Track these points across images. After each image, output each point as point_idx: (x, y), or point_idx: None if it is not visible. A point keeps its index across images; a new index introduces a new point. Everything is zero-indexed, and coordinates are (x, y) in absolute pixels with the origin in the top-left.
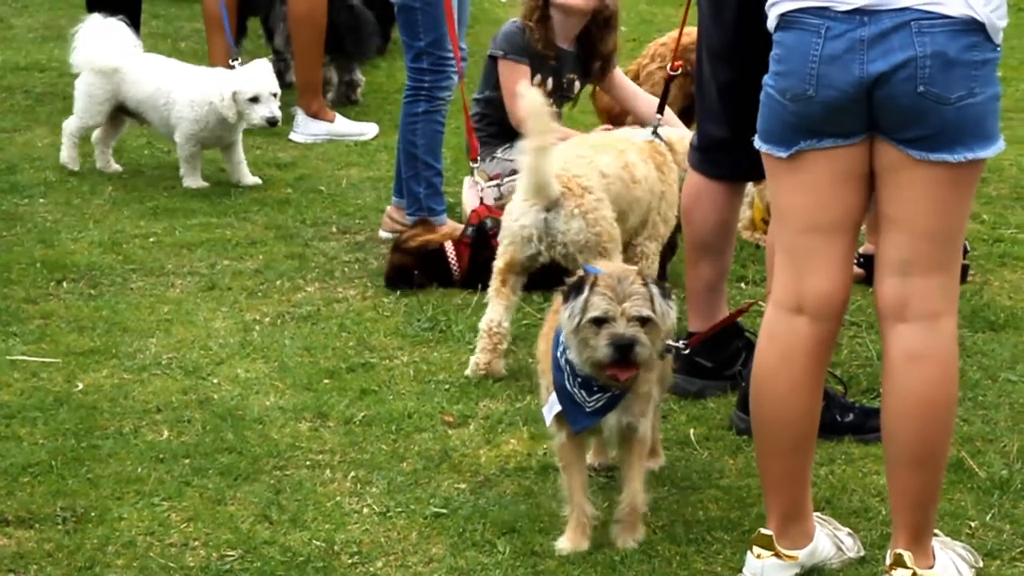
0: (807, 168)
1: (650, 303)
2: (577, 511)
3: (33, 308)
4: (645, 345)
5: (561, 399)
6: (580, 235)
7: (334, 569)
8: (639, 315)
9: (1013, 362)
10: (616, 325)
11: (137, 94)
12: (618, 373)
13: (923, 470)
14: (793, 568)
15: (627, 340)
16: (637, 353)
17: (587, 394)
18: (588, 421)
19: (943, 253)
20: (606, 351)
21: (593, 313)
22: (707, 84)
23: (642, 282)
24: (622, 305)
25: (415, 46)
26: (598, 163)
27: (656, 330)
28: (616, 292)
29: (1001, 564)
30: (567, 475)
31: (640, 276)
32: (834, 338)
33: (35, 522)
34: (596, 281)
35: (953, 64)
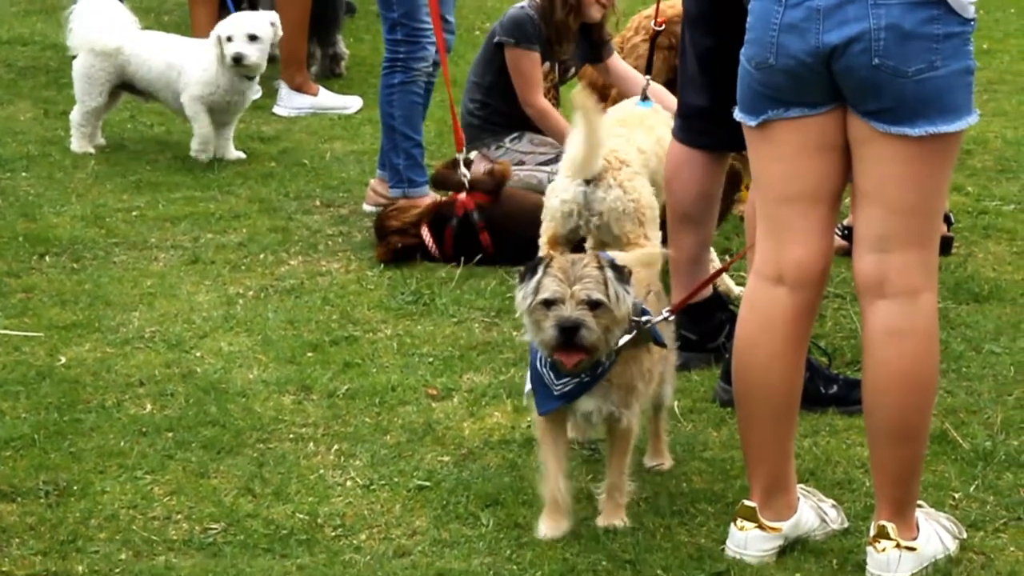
0: (776, 138)
1: (603, 287)
2: (552, 491)
3: (15, 282)
4: (592, 329)
5: (533, 380)
6: (618, 203)
7: (317, 542)
8: (588, 298)
9: (997, 334)
10: (564, 308)
11: (147, 73)
12: (563, 357)
13: (904, 444)
14: (777, 540)
15: (572, 323)
16: (582, 336)
17: (555, 377)
18: (553, 404)
19: (920, 228)
20: (551, 333)
21: (543, 295)
22: (688, 53)
23: (597, 265)
24: (572, 288)
25: (389, 17)
26: (635, 139)
27: (609, 314)
28: (568, 274)
29: (985, 535)
30: (544, 454)
31: (597, 260)
32: (815, 308)
33: (17, 496)
34: (550, 263)
35: (909, 37)
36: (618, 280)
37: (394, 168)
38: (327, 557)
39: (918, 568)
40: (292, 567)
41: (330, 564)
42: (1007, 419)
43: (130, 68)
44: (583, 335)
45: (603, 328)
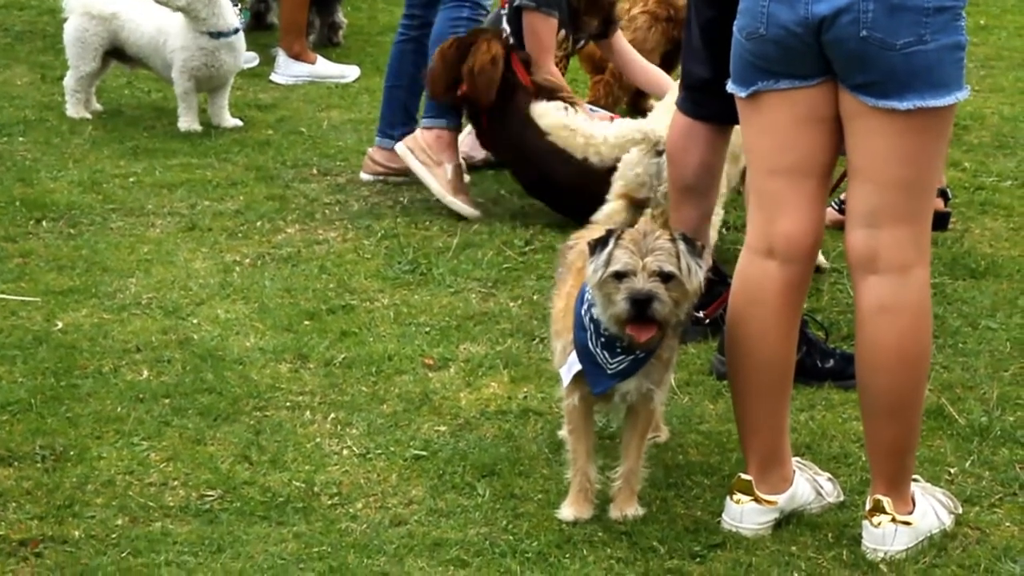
0: (766, 109)
1: (675, 259)
2: (581, 477)
3: (12, 247)
4: (664, 302)
5: (582, 359)
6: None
7: (314, 510)
8: (660, 270)
9: (993, 310)
10: (636, 280)
11: (139, 39)
12: (636, 332)
13: (898, 419)
14: (772, 513)
15: (644, 295)
16: (655, 310)
17: (610, 355)
18: (609, 383)
19: (911, 203)
20: (623, 306)
21: (614, 267)
22: (692, 23)
23: (669, 238)
24: (644, 260)
25: None
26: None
27: (680, 287)
28: (640, 246)
29: (980, 510)
30: (574, 439)
31: (669, 232)
32: (806, 281)
33: (14, 460)
34: (621, 235)
35: (899, 9)
36: (690, 253)
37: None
38: (323, 525)
39: (913, 542)
40: (288, 535)
41: (326, 532)
42: (1003, 395)
43: (123, 33)
44: (656, 308)
45: (674, 301)
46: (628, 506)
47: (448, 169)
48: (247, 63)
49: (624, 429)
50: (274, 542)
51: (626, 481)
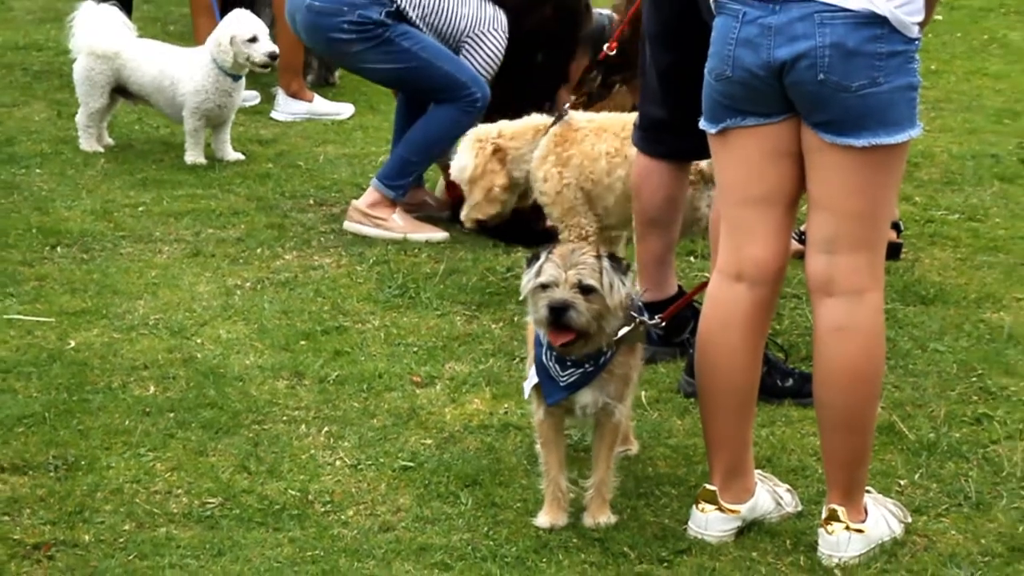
0: (735, 144)
1: (598, 274)
2: (553, 487)
3: (29, 271)
4: (581, 312)
5: (538, 372)
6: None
7: (308, 517)
8: (581, 283)
9: (941, 333)
10: (556, 291)
11: (140, 78)
12: (553, 337)
13: (852, 434)
14: (735, 521)
15: (560, 303)
16: (570, 317)
17: (560, 368)
18: (561, 394)
19: (866, 232)
20: (543, 313)
21: (541, 279)
22: (648, 68)
23: (594, 255)
24: (567, 273)
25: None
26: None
27: (600, 300)
28: (566, 260)
29: (928, 520)
30: (545, 451)
31: (595, 249)
32: (772, 304)
33: (29, 469)
34: (552, 250)
35: (853, 54)
36: (614, 270)
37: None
38: (317, 531)
39: (866, 549)
40: (284, 540)
41: (319, 537)
42: (950, 413)
43: (125, 72)
44: (571, 316)
45: (594, 313)
46: (600, 514)
47: (396, 219)
48: (249, 101)
49: (594, 442)
50: (271, 546)
51: (597, 490)
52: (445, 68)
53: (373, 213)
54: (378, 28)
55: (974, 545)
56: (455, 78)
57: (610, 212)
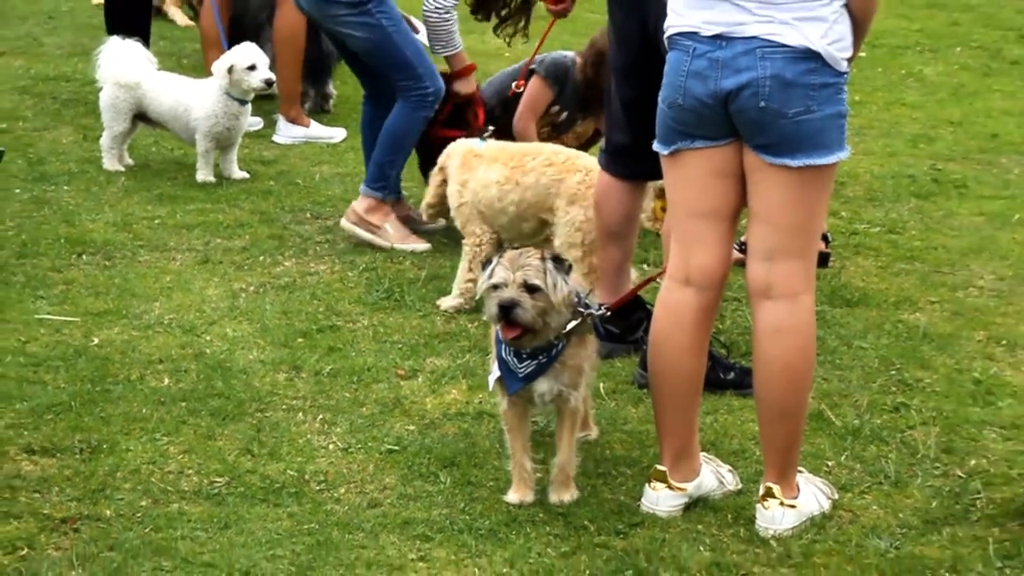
0: (685, 165)
1: (542, 275)
2: (519, 468)
3: (57, 276)
4: (526, 308)
5: (500, 366)
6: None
7: (304, 494)
8: (526, 282)
9: (864, 332)
10: (505, 290)
11: (159, 106)
12: (504, 331)
13: (787, 421)
14: (683, 498)
15: (507, 301)
16: (516, 314)
17: (518, 361)
18: (519, 384)
19: (800, 242)
20: (493, 310)
21: (492, 280)
22: (614, 99)
23: (540, 257)
24: (515, 274)
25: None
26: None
27: (545, 298)
28: (514, 263)
29: (852, 496)
30: (511, 437)
31: (541, 253)
32: (716, 306)
33: (56, 452)
34: (503, 255)
35: (790, 85)
36: (556, 270)
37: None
38: (312, 507)
39: (798, 522)
40: (283, 514)
41: (314, 512)
42: (872, 402)
43: (146, 101)
44: (517, 313)
45: (539, 310)
46: (564, 491)
47: (388, 227)
48: (253, 126)
49: (556, 427)
50: (271, 520)
51: (561, 470)
52: (407, 55)
53: (369, 219)
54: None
55: (893, 519)
56: (413, 67)
57: (506, 228)
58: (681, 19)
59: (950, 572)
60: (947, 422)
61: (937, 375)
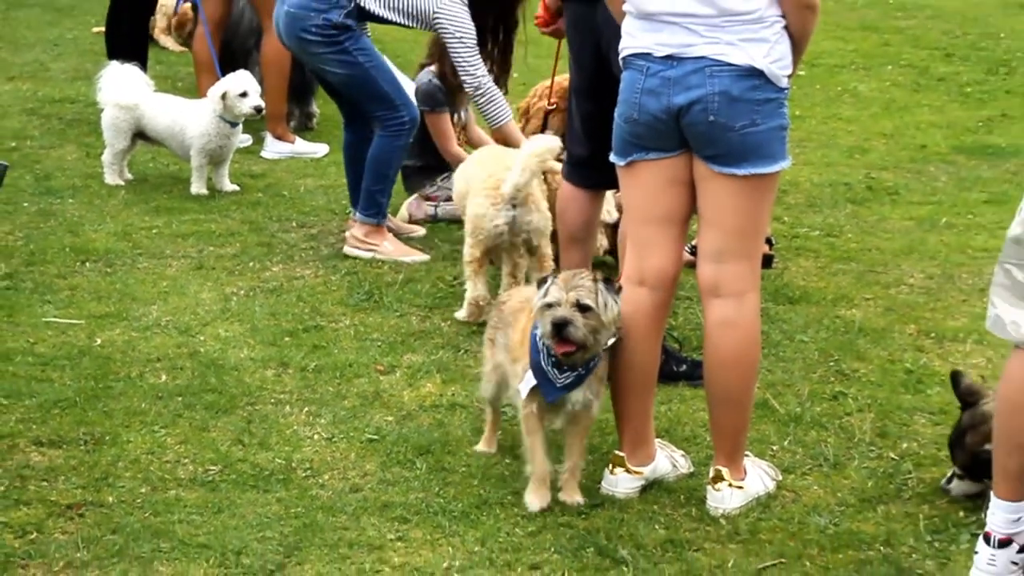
0: (640, 174)
1: (594, 295)
2: (539, 469)
3: (63, 282)
4: (578, 327)
5: (536, 375)
6: (540, 223)
7: (291, 480)
8: (579, 302)
9: (805, 327)
10: (559, 309)
11: (157, 126)
12: (556, 347)
13: (734, 409)
14: (639, 481)
15: (560, 319)
16: (569, 332)
17: (559, 372)
18: (559, 394)
19: (746, 245)
20: (548, 328)
21: (547, 299)
22: (573, 115)
23: (592, 278)
24: (568, 294)
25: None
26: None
27: (596, 317)
28: (567, 284)
29: (795, 477)
30: (531, 440)
31: (594, 274)
32: (669, 304)
33: (63, 443)
34: (557, 276)
35: (737, 100)
36: (607, 291)
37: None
38: (299, 492)
39: (745, 502)
40: (272, 499)
41: (301, 497)
42: (812, 391)
43: (144, 120)
44: (570, 331)
45: (590, 328)
46: (575, 493)
47: (388, 244)
48: (243, 143)
49: (568, 432)
50: (261, 505)
51: (571, 473)
52: (384, 88)
53: (368, 240)
54: (340, 34)
55: (832, 498)
56: (390, 99)
57: None
58: (635, 41)
59: (884, 546)
60: (881, 409)
61: (872, 366)
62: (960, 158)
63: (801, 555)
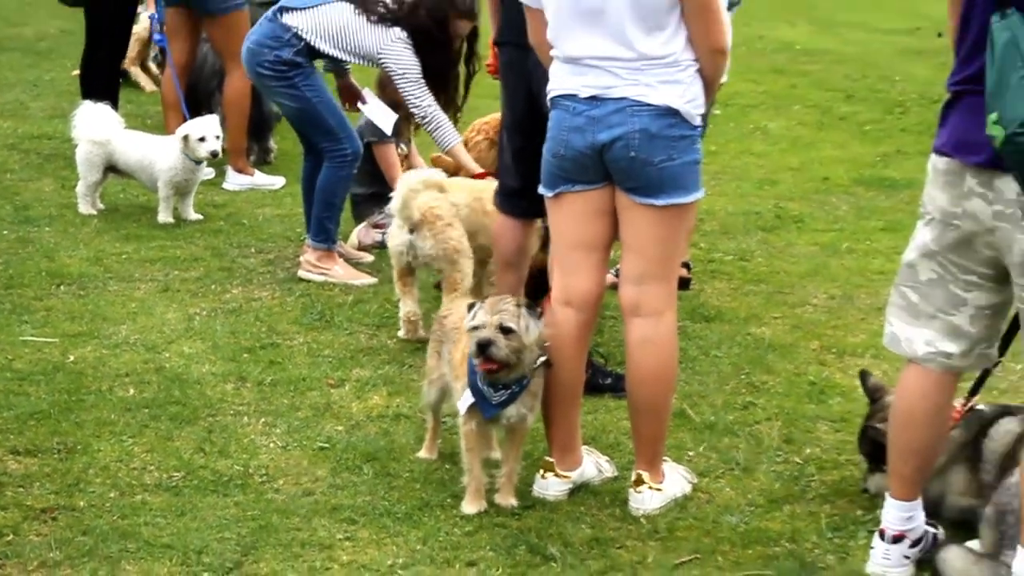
0: (566, 205)
1: (516, 318)
2: (475, 481)
3: (39, 303)
4: (500, 347)
5: (474, 394)
6: (432, 250)
7: (249, 486)
8: (502, 325)
9: (719, 343)
10: (484, 331)
11: (127, 160)
12: (480, 365)
13: (654, 418)
14: (568, 484)
15: (484, 340)
16: (492, 352)
17: (493, 391)
18: (495, 411)
19: (663, 269)
20: (473, 348)
21: (473, 322)
22: (505, 149)
23: (515, 303)
24: (492, 317)
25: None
26: (452, 198)
27: (517, 338)
28: (493, 308)
29: (709, 480)
30: (470, 456)
31: (517, 299)
32: (593, 323)
33: (38, 452)
34: (485, 301)
35: (655, 137)
36: (529, 314)
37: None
38: (255, 496)
39: (664, 503)
40: (231, 503)
41: (257, 501)
42: (725, 402)
43: (115, 155)
44: (492, 351)
45: (512, 348)
46: (510, 496)
47: (338, 268)
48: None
49: (506, 441)
50: (220, 508)
51: (508, 478)
52: (329, 122)
53: (321, 265)
54: (290, 70)
55: (742, 499)
56: (335, 132)
57: None
58: (562, 83)
59: (790, 542)
60: (787, 417)
61: (779, 378)
62: (860, 190)
63: (715, 551)
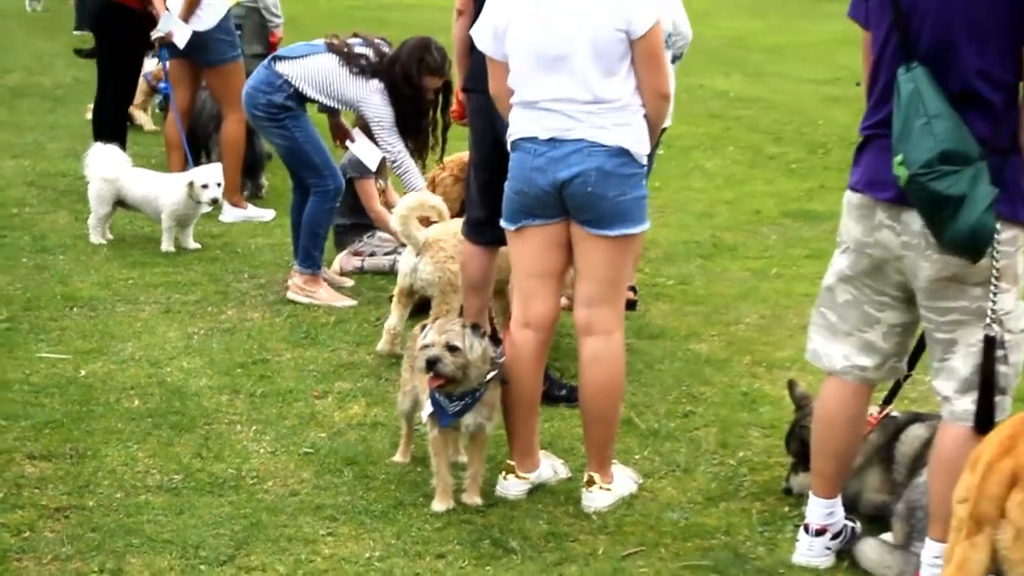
0: (526, 237)
1: (461, 338)
2: (443, 483)
3: (54, 324)
4: (446, 363)
5: (433, 404)
6: (428, 275)
7: (241, 487)
8: (448, 343)
9: (662, 358)
10: (432, 349)
11: (134, 195)
12: (430, 381)
13: (604, 426)
14: (527, 485)
15: (432, 357)
16: (438, 368)
17: (449, 401)
18: (450, 420)
19: (613, 293)
20: (421, 364)
21: (423, 341)
22: (472, 184)
23: (462, 324)
24: (440, 337)
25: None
26: (453, 228)
27: (462, 356)
28: (441, 329)
29: (653, 481)
30: (438, 459)
31: (463, 320)
32: (549, 343)
33: (53, 457)
34: (434, 322)
35: (609, 175)
36: (473, 334)
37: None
38: (247, 496)
39: (613, 501)
40: (225, 502)
41: (249, 500)
42: (668, 410)
43: (123, 191)
44: (439, 367)
45: (458, 365)
46: (475, 495)
47: (323, 292)
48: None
49: (470, 447)
50: (216, 507)
51: (473, 479)
52: (315, 159)
53: (307, 288)
54: (281, 113)
55: (683, 497)
56: (320, 169)
57: None
58: (522, 128)
59: (725, 535)
60: (722, 424)
61: (715, 389)
62: (787, 221)
63: (658, 544)
